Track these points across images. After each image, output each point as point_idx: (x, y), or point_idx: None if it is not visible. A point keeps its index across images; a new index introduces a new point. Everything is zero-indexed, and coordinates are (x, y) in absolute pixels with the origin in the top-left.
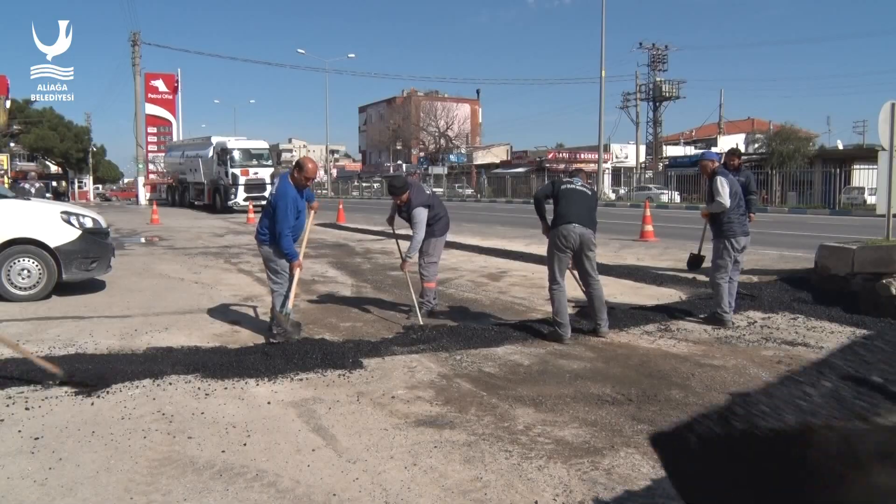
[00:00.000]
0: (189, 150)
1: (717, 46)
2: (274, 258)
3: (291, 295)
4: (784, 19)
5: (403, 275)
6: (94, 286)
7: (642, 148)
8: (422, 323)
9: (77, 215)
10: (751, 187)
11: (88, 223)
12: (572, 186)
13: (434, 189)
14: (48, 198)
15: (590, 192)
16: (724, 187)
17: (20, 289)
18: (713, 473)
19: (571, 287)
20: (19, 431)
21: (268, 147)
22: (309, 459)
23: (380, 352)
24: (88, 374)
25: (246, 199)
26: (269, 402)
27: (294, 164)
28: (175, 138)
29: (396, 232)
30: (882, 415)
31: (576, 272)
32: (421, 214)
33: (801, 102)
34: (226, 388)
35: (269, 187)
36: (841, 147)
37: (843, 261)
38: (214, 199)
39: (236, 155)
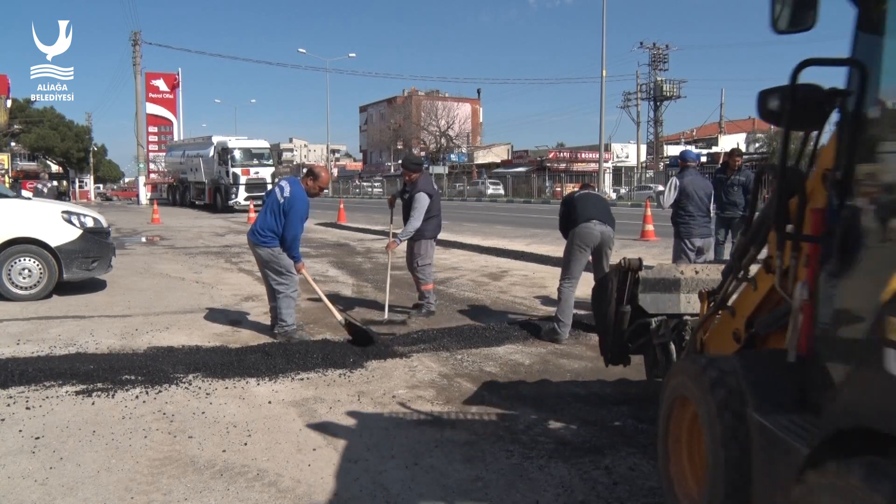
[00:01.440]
0: (190, 149)
1: (717, 46)
2: (276, 258)
3: (329, 304)
4: None
5: (386, 256)
6: (95, 286)
7: (643, 147)
8: (397, 320)
9: (78, 215)
10: (751, 187)
11: (89, 223)
12: (586, 192)
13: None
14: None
15: (603, 197)
16: (671, 191)
17: (21, 288)
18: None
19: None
20: (20, 431)
21: (269, 146)
22: (310, 459)
23: (381, 351)
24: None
25: (247, 199)
26: (269, 402)
27: (307, 171)
28: (176, 138)
29: (390, 225)
30: None
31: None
32: (422, 200)
33: None
34: (226, 388)
35: (269, 187)
36: None
37: None
38: (215, 198)
39: (237, 154)
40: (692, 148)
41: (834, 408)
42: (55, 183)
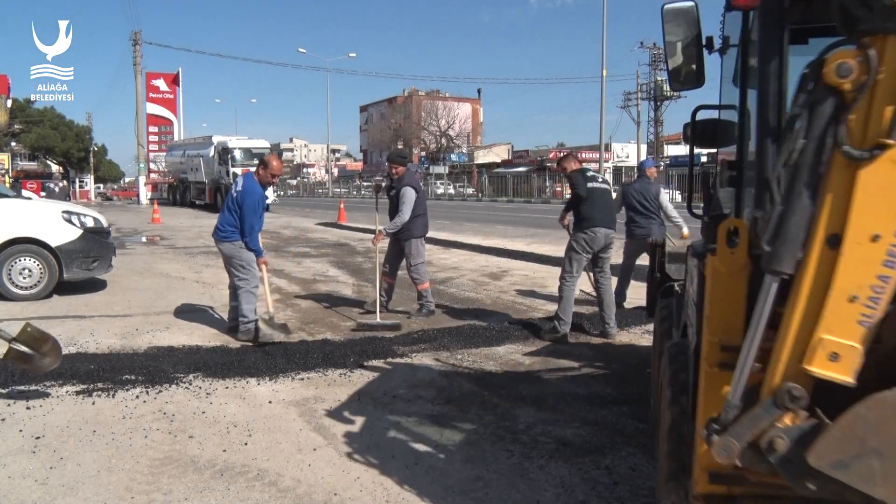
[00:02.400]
0: (190, 149)
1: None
2: (237, 254)
3: (269, 299)
4: None
5: (373, 249)
6: (95, 285)
7: (643, 147)
8: (380, 322)
9: (78, 214)
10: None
11: (89, 222)
12: (597, 185)
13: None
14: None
15: (611, 192)
16: (616, 198)
17: (21, 288)
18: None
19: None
20: (20, 431)
21: (269, 146)
22: (310, 459)
23: (381, 351)
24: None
25: None
26: (270, 402)
27: (259, 161)
28: (176, 137)
29: (376, 214)
30: None
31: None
32: (410, 194)
33: None
34: (227, 388)
35: (270, 190)
36: None
37: None
38: (215, 198)
39: (237, 154)
40: (651, 158)
41: (682, 314)
42: (63, 183)
